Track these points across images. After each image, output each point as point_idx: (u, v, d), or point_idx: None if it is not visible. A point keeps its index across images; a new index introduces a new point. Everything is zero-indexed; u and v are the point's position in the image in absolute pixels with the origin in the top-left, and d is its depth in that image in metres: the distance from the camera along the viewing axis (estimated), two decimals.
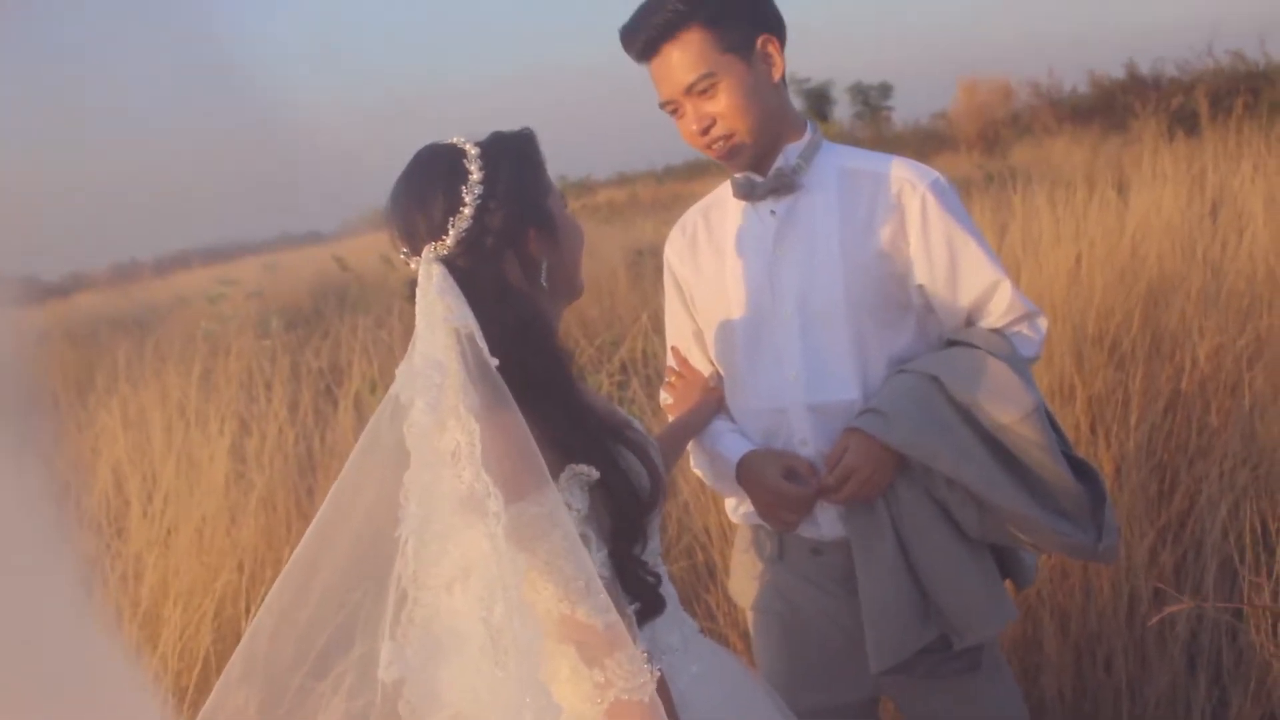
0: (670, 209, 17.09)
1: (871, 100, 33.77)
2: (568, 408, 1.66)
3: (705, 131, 2.15)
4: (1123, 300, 4.50)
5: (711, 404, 2.37)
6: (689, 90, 2.12)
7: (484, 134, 1.73)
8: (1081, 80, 20.88)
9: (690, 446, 2.41)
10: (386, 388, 1.64)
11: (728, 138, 2.15)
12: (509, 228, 1.66)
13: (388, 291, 9.90)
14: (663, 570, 1.82)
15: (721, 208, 2.34)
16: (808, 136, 2.24)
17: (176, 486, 3.95)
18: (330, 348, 7.15)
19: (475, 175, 1.65)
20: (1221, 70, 18.38)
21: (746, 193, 2.24)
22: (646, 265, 9.64)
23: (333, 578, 1.66)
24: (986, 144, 19.65)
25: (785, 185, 2.20)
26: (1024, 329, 2.25)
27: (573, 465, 1.63)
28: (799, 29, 2.25)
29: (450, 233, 1.63)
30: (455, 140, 1.70)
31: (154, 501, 3.91)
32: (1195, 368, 4.32)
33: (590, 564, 1.57)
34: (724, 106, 2.12)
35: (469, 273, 1.63)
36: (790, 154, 2.21)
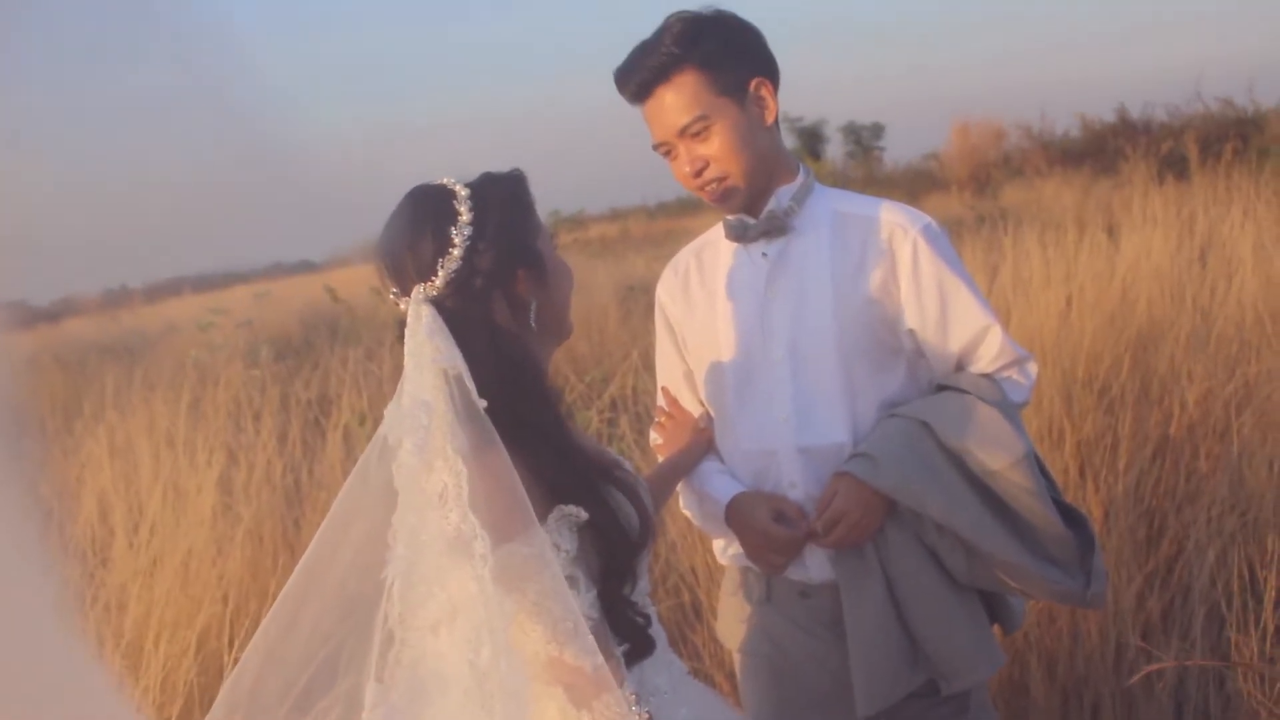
0: (662, 245, 17.11)
1: (864, 140, 33.88)
2: (557, 448, 1.67)
3: (698, 174, 2.17)
4: (1112, 344, 4.51)
5: (701, 445, 2.37)
6: (682, 132, 2.14)
7: (474, 174, 1.75)
8: (1072, 123, 20.97)
9: (680, 487, 2.41)
10: (376, 421, 1.67)
11: (721, 180, 2.17)
12: (498, 269, 1.68)
13: (378, 324, 9.87)
14: (652, 611, 1.82)
15: (714, 248, 2.35)
16: (800, 179, 2.25)
17: (163, 517, 3.92)
18: (320, 379, 7.12)
19: (465, 216, 1.66)
20: (1210, 116, 18.50)
21: (739, 234, 2.25)
22: (637, 301, 9.64)
23: (319, 616, 1.66)
24: (978, 185, 19.71)
25: (777, 227, 2.22)
26: (1014, 374, 2.26)
27: (561, 506, 1.64)
28: (793, 69, 2.26)
29: (439, 273, 1.65)
30: (445, 181, 1.71)
31: (140, 532, 3.88)
32: (1184, 413, 4.33)
33: (577, 606, 1.58)
34: (717, 149, 2.14)
35: (458, 313, 1.64)
36: (783, 196, 2.22)
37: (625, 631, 1.70)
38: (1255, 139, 16.57)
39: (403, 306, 1.68)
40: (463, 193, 1.68)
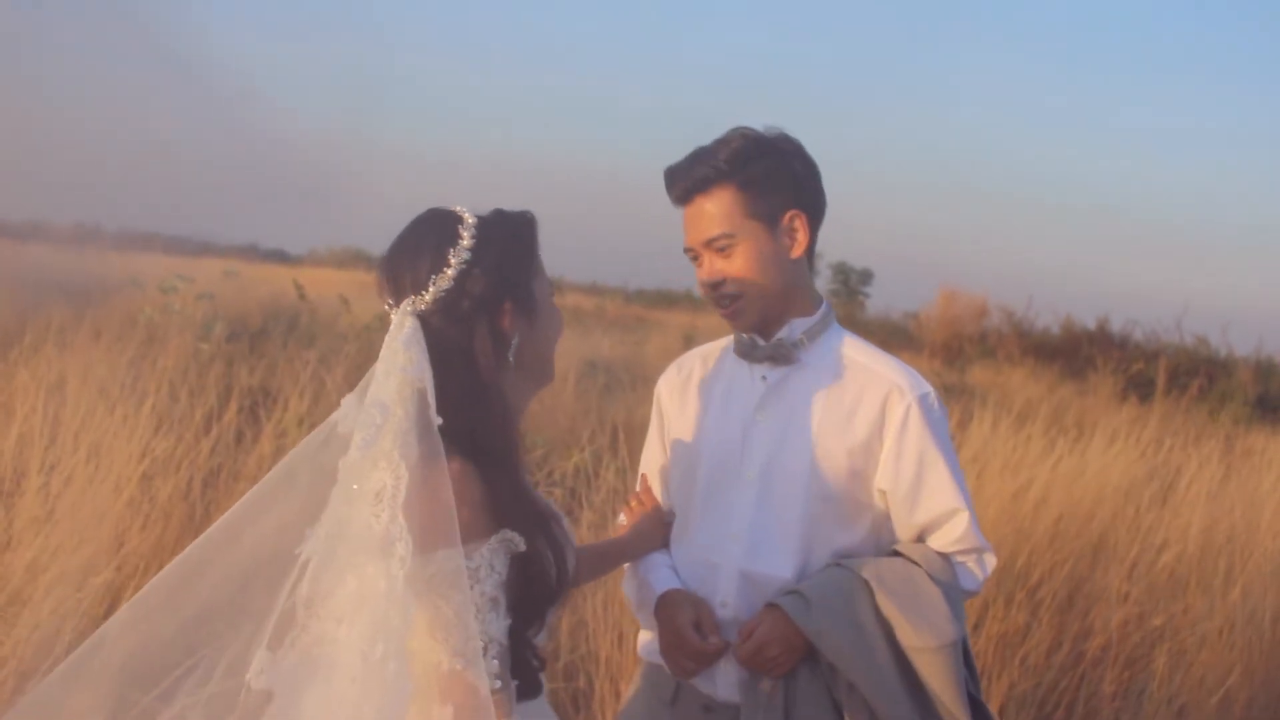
0: (632, 330, 17.18)
1: (851, 282, 34.38)
2: (511, 479, 1.72)
3: (715, 286, 2.21)
4: (1054, 549, 4.53)
5: (658, 537, 2.38)
6: (709, 244, 2.19)
7: (488, 208, 1.82)
8: (1054, 320, 21.31)
9: (626, 569, 2.42)
10: (314, 425, 1.73)
11: (734, 298, 2.20)
12: (487, 297, 1.73)
13: (337, 332, 9.80)
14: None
15: (720, 357, 2.37)
16: (818, 315, 2.27)
17: (80, 470, 3.81)
18: (265, 369, 7.04)
19: (466, 242, 1.73)
20: (1184, 349, 18.88)
21: (745, 352, 2.27)
22: (595, 379, 9.64)
23: (217, 586, 1.67)
24: (950, 355, 19.96)
25: (783, 355, 2.23)
26: (970, 561, 2.25)
27: (506, 530, 1.66)
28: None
29: (430, 290, 1.71)
30: (457, 208, 1.79)
31: (54, 477, 3.76)
32: (1104, 633, 4.34)
33: (494, 630, 1.63)
34: (737, 268, 2.18)
35: (440, 332, 1.71)
36: (796, 328, 2.24)
37: (521, 669, 1.72)
38: (1222, 382, 16.92)
39: (394, 316, 1.74)
40: (470, 220, 1.75)
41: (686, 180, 2.20)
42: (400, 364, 1.65)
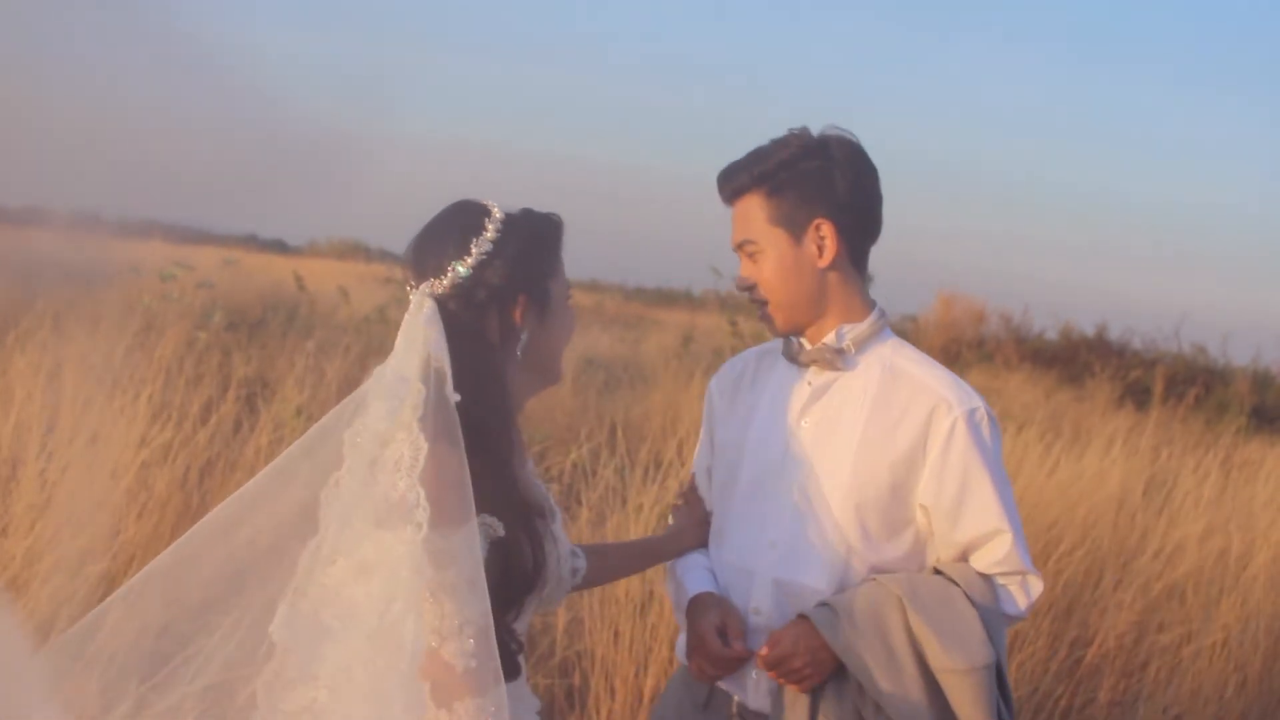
0: (633, 328, 17.17)
1: None
2: (498, 467, 1.77)
3: (748, 290, 2.22)
4: (1049, 555, 4.52)
5: (696, 537, 2.38)
6: (739, 248, 2.21)
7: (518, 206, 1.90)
8: (1051, 325, 21.24)
9: (666, 568, 2.42)
10: (311, 416, 1.71)
11: (762, 304, 2.21)
12: (502, 288, 1.81)
13: (336, 323, 9.79)
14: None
15: (772, 358, 2.34)
16: (867, 322, 2.22)
17: (80, 459, 3.79)
18: (264, 359, 7.03)
19: (490, 233, 1.81)
20: (1182, 357, 18.85)
21: (792, 355, 2.25)
22: (595, 376, 9.61)
23: (225, 561, 1.74)
24: (948, 359, 19.91)
25: (827, 361, 2.19)
26: (1012, 585, 2.18)
27: (485, 515, 1.72)
28: None
29: (449, 275, 1.79)
30: (487, 201, 1.87)
31: (52, 464, 3.75)
32: (1101, 642, 4.33)
33: (478, 609, 1.65)
34: (764, 275, 2.19)
35: (454, 317, 1.78)
36: (843, 334, 2.20)
37: (499, 652, 1.71)
38: (1219, 391, 16.90)
39: (413, 297, 1.81)
40: (497, 214, 1.84)
41: (728, 185, 2.22)
42: (421, 340, 1.72)
